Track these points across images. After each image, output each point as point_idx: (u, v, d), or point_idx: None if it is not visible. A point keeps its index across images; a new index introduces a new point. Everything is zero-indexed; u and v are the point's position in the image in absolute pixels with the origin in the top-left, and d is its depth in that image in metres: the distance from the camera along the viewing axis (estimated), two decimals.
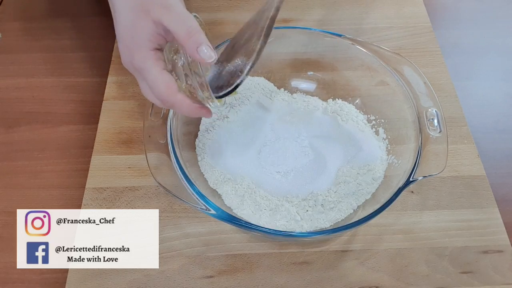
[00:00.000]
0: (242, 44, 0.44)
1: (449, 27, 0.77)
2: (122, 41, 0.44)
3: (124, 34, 0.43)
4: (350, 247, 0.52)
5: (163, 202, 0.55)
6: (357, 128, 0.59)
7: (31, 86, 0.68)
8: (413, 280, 0.50)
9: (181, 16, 0.41)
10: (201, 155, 0.56)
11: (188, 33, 0.40)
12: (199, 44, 0.40)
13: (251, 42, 0.42)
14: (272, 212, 0.52)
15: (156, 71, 0.42)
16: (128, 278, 0.50)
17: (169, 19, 0.41)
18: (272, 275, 0.50)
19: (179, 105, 0.43)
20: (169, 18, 0.41)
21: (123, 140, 0.60)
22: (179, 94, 0.42)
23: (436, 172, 0.48)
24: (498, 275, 0.50)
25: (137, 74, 0.45)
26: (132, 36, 0.42)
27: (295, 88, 0.63)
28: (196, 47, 0.40)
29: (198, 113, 0.45)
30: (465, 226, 0.53)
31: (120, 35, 0.44)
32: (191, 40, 0.40)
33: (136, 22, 0.42)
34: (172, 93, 0.42)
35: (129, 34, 0.43)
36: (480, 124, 0.64)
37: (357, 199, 0.52)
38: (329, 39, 0.59)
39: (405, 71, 0.55)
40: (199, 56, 0.40)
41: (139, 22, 0.42)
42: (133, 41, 0.42)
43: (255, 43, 0.42)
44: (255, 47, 0.41)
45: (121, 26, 0.43)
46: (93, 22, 0.76)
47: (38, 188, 0.58)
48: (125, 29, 0.43)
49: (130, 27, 0.42)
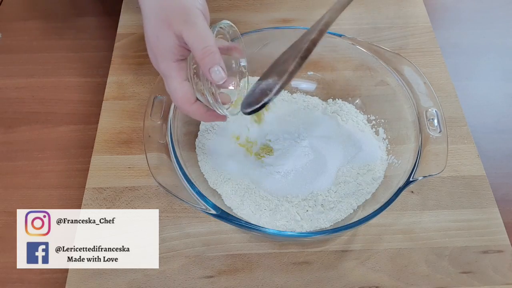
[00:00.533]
0: (280, 64, 0.45)
1: (449, 27, 0.77)
2: (148, 45, 0.46)
3: (151, 40, 0.45)
4: (350, 247, 0.52)
5: (163, 202, 0.55)
6: (357, 128, 0.59)
7: (31, 86, 0.68)
8: (413, 280, 0.50)
9: (201, 34, 0.43)
10: (201, 155, 0.56)
11: (203, 53, 0.42)
12: (212, 65, 0.42)
13: (287, 63, 0.44)
14: (272, 212, 0.52)
15: (177, 81, 0.45)
16: (128, 278, 0.50)
17: (188, 35, 0.42)
18: (272, 275, 0.50)
19: (193, 113, 0.46)
20: (188, 34, 0.42)
21: (123, 140, 0.60)
22: (194, 104, 0.46)
23: (436, 172, 0.48)
24: (498, 275, 0.50)
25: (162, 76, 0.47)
26: (157, 45, 0.45)
27: (295, 88, 0.63)
28: (209, 68, 0.42)
29: (213, 120, 0.48)
30: (465, 226, 0.53)
31: (148, 39, 0.46)
32: (205, 60, 0.42)
33: (160, 34, 0.44)
34: (188, 103, 0.45)
35: (154, 42, 0.45)
36: (480, 124, 0.64)
37: (357, 199, 0.52)
38: (329, 39, 0.59)
39: (405, 71, 0.55)
40: (210, 77, 0.42)
41: (162, 34, 0.44)
42: (158, 50, 0.45)
43: (290, 63, 0.43)
44: (288, 68, 0.43)
45: (148, 31, 0.46)
46: (93, 22, 0.76)
47: (38, 188, 0.58)
48: (151, 36, 0.45)
49: (155, 36, 0.45)
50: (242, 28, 0.70)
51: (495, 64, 0.73)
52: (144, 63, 0.68)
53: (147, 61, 0.67)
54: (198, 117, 0.47)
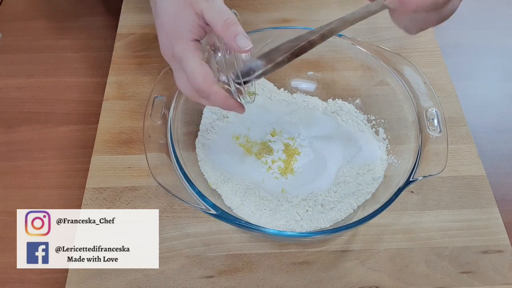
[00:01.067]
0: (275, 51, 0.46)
1: (449, 27, 0.77)
2: (163, 31, 0.46)
3: (167, 24, 0.45)
4: (350, 247, 0.52)
5: (163, 202, 0.55)
6: (357, 128, 0.59)
7: (31, 86, 0.68)
8: (413, 280, 0.50)
9: (221, 9, 0.44)
10: (201, 155, 0.56)
11: (226, 24, 0.42)
12: (237, 34, 0.42)
13: (279, 53, 0.45)
14: (272, 212, 0.52)
15: (195, 61, 0.43)
16: (128, 278, 0.50)
17: (210, 11, 0.43)
18: (272, 275, 0.50)
19: (214, 96, 0.44)
20: (210, 10, 0.43)
21: (123, 140, 0.60)
22: (215, 85, 0.44)
23: (436, 172, 0.48)
24: (498, 275, 0.50)
25: (175, 64, 0.46)
26: (175, 26, 0.44)
27: (295, 88, 0.63)
28: (234, 37, 0.42)
29: (232, 107, 0.46)
30: (465, 226, 0.53)
31: (162, 25, 0.46)
32: (229, 30, 0.42)
33: (180, 13, 0.44)
34: (209, 84, 0.43)
35: (172, 24, 0.45)
36: (480, 124, 0.64)
37: (357, 199, 0.52)
38: (329, 39, 0.59)
39: (405, 71, 0.55)
40: (236, 45, 0.42)
41: (183, 12, 0.44)
42: (175, 31, 0.44)
43: (280, 55, 0.44)
44: (276, 58, 0.44)
45: (164, 16, 0.45)
46: (93, 22, 0.76)
47: (38, 188, 0.58)
48: (168, 19, 0.45)
49: (173, 17, 0.44)
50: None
51: (495, 64, 0.73)
52: (144, 63, 0.68)
53: (147, 61, 0.68)
54: (218, 101, 0.45)
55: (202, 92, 0.44)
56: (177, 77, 0.47)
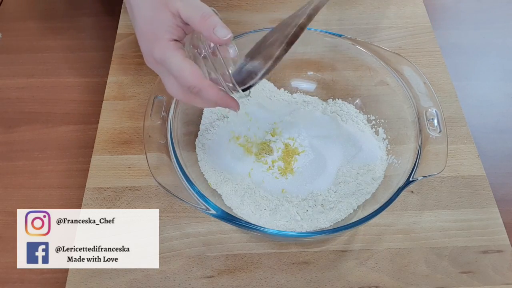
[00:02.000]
0: (267, 45, 0.45)
1: (449, 27, 0.77)
2: (142, 37, 0.45)
3: (144, 29, 0.44)
4: (350, 247, 0.52)
5: (163, 202, 0.55)
6: (357, 128, 0.59)
7: (31, 86, 0.68)
8: (413, 280, 0.50)
9: (197, 5, 0.43)
10: (201, 155, 0.56)
11: (203, 17, 0.41)
12: (215, 25, 0.41)
13: (273, 47, 0.43)
14: (272, 212, 0.52)
15: (178, 59, 0.42)
16: (128, 278, 0.50)
17: (186, 8, 0.42)
18: (272, 275, 0.50)
19: (206, 90, 0.42)
20: (186, 8, 0.42)
21: (123, 140, 0.60)
22: (205, 79, 0.42)
23: (436, 172, 0.48)
24: (498, 275, 0.50)
25: (160, 68, 0.45)
26: (152, 30, 0.43)
27: (295, 88, 0.63)
28: (212, 28, 0.41)
29: (226, 103, 0.44)
30: (465, 226, 0.53)
31: (141, 32, 0.45)
32: (206, 23, 0.41)
33: (155, 16, 0.43)
34: (199, 78, 0.42)
35: (149, 28, 0.44)
36: (480, 124, 0.64)
37: (357, 199, 0.52)
38: (329, 39, 0.59)
39: (405, 71, 0.55)
40: (215, 36, 0.41)
41: (158, 15, 0.43)
42: (153, 34, 0.43)
43: (276, 48, 0.43)
44: (274, 53, 0.42)
45: (141, 22, 0.44)
46: (93, 22, 0.76)
47: (38, 188, 0.58)
48: (145, 24, 0.44)
49: (150, 21, 0.44)
50: (242, 28, 0.71)
51: (495, 64, 0.73)
52: (144, 63, 0.66)
53: None
54: (211, 95, 0.42)
55: (193, 88, 0.42)
56: (165, 82, 0.45)
